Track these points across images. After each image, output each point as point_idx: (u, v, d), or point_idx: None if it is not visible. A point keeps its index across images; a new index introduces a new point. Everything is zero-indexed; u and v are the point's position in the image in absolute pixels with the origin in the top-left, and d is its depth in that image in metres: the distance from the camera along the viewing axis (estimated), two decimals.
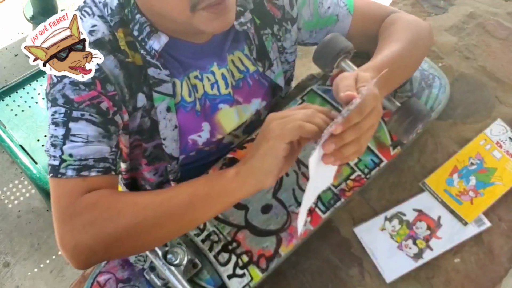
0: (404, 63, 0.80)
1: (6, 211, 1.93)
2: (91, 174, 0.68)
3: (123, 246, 0.67)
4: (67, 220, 0.65)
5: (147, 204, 0.66)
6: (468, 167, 0.92)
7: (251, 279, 0.79)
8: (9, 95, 1.54)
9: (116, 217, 0.64)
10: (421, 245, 0.85)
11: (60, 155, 0.69)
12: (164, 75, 0.76)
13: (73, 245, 0.64)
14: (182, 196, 0.67)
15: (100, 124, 0.71)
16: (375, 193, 0.91)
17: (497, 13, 1.15)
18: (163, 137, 0.81)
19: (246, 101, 0.89)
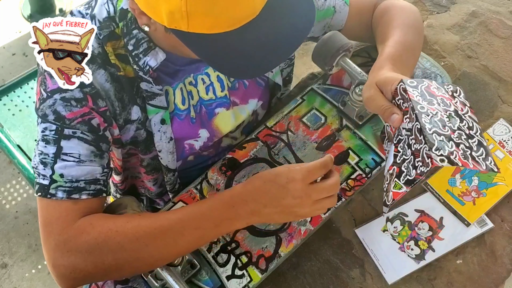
0: (411, 47, 0.81)
1: (3, 211, 1.92)
2: (82, 197, 0.68)
3: (123, 273, 0.70)
4: (61, 246, 0.65)
5: (150, 238, 0.66)
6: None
7: (250, 280, 0.78)
8: (6, 94, 1.53)
9: (116, 250, 0.65)
10: (423, 246, 0.84)
11: (50, 174, 0.67)
12: (157, 89, 0.75)
13: (71, 270, 0.64)
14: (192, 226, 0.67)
15: (92, 142, 0.70)
16: (377, 193, 0.90)
17: (499, 11, 1.14)
18: (159, 149, 0.80)
19: (242, 102, 0.89)
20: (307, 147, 0.91)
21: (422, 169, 0.60)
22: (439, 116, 0.64)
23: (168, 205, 0.85)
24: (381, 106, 0.70)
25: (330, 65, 0.88)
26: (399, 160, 0.66)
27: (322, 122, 0.93)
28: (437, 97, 0.67)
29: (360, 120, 0.91)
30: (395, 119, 0.68)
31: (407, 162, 0.63)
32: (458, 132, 0.64)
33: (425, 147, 0.60)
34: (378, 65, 0.77)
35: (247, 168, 0.88)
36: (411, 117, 0.65)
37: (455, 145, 0.61)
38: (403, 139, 0.66)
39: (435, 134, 0.61)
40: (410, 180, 0.62)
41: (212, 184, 0.87)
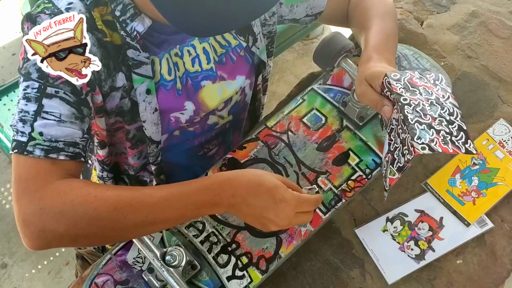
0: (392, 33, 0.87)
1: (3, 211, 1.92)
2: (60, 158, 0.66)
3: (93, 241, 0.69)
4: (35, 203, 0.63)
5: (128, 213, 0.64)
6: (470, 168, 0.91)
7: (250, 281, 0.78)
8: (6, 94, 1.54)
9: (92, 216, 0.63)
10: (423, 246, 0.84)
11: (29, 131, 0.66)
12: (143, 57, 0.75)
13: (40, 228, 0.63)
14: (169, 216, 0.67)
15: (73, 104, 0.68)
16: (377, 193, 0.90)
17: (499, 12, 1.14)
18: (143, 120, 0.79)
19: (230, 78, 0.88)
20: (308, 147, 0.91)
21: (408, 157, 0.64)
22: (421, 105, 0.69)
23: None
24: (373, 100, 0.75)
25: (331, 66, 0.89)
26: (392, 148, 0.70)
27: (322, 122, 0.93)
28: (419, 87, 0.72)
29: (361, 121, 0.91)
30: (386, 110, 0.73)
31: (398, 150, 0.68)
32: (439, 119, 0.68)
33: (408, 136, 0.65)
34: (366, 57, 0.81)
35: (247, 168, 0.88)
36: (397, 108, 0.69)
37: (436, 132, 0.66)
38: (394, 129, 0.71)
39: (417, 124, 0.66)
40: (401, 167, 0.66)
41: None
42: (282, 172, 0.88)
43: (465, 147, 0.66)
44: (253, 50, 0.89)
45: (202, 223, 0.83)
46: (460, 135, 0.67)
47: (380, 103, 0.74)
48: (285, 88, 2.28)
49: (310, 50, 2.47)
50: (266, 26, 0.90)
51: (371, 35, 0.85)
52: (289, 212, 0.69)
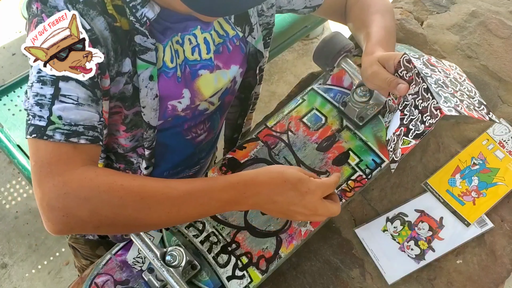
0: (392, 30, 0.90)
1: (3, 211, 1.92)
2: (80, 142, 0.65)
3: (115, 229, 0.69)
4: (60, 187, 0.62)
5: (153, 205, 0.65)
6: (470, 167, 0.91)
7: (250, 281, 0.78)
8: (6, 94, 1.53)
9: (117, 204, 0.63)
10: (423, 246, 0.84)
11: (48, 115, 0.64)
12: (150, 43, 0.75)
13: (64, 213, 0.62)
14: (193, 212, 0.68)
15: (88, 86, 0.68)
16: (377, 193, 0.91)
17: (499, 11, 1.14)
18: (143, 105, 0.79)
19: (225, 67, 0.88)
20: (308, 147, 0.91)
21: (431, 121, 0.69)
22: (442, 80, 0.74)
23: None
24: (386, 78, 0.77)
25: (331, 66, 0.89)
26: (406, 121, 0.73)
27: (322, 122, 0.93)
28: (437, 67, 0.77)
29: (361, 121, 0.91)
30: (402, 88, 0.75)
31: (415, 120, 0.72)
32: (460, 92, 0.74)
33: (433, 101, 0.69)
34: (369, 50, 0.83)
35: (247, 169, 0.89)
36: (417, 82, 0.73)
37: (459, 100, 0.72)
38: (409, 103, 0.74)
39: (440, 92, 0.71)
40: (419, 133, 0.70)
41: None
42: None
43: (488, 116, 0.72)
44: (248, 39, 0.89)
45: (202, 223, 0.83)
46: (482, 107, 0.74)
47: (395, 82, 0.76)
48: (285, 88, 2.28)
49: (310, 50, 2.47)
50: (263, 17, 0.91)
51: (373, 30, 0.87)
52: (316, 202, 0.71)
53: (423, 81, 0.72)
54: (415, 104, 0.73)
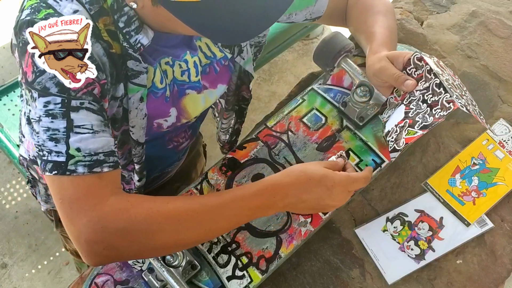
0: (394, 29, 0.92)
1: (3, 211, 1.92)
2: (104, 170, 0.65)
3: (156, 253, 0.71)
4: (95, 222, 0.62)
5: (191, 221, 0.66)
6: (470, 167, 0.91)
7: (250, 281, 0.78)
8: (6, 94, 1.53)
9: (155, 231, 0.64)
10: (423, 246, 0.84)
11: (66, 150, 0.63)
12: (142, 67, 0.75)
13: (104, 246, 0.62)
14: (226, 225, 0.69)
15: (98, 111, 0.67)
16: (377, 193, 0.91)
17: (499, 11, 1.14)
18: (132, 125, 0.79)
19: (212, 86, 0.89)
20: (308, 147, 0.91)
21: (442, 113, 0.72)
22: (451, 81, 0.78)
23: None
24: (393, 74, 0.79)
25: (331, 66, 0.89)
26: (412, 114, 0.76)
27: (322, 122, 0.93)
28: (445, 71, 0.81)
29: (361, 121, 0.91)
30: (410, 84, 0.78)
31: (422, 113, 0.75)
32: (465, 97, 0.78)
33: (445, 95, 0.73)
34: (375, 49, 0.85)
35: (247, 169, 0.89)
36: (427, 78, 0.77)
37: (467, 103, 0.75)
38: (416, 98, 0.77)
39: (451, 89, 0.74)
40: (427, 124, 0.73)
41: (212, 184, 0.87)
42: None
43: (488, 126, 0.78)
44: (236, 60, 0.89)
45: None
46: (482, 116, 0.78)
47: (403, 78, 0.78)
48: (285, 88, 2.28)
49: (310, 50, 2.47)
50: (255, 37, 0.91)
51: (378, 31, 0.88)
52: (343, 193, 0.73)
53: (435, 76, 0.75)
54: (423, 99, 0.76)
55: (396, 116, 0.79)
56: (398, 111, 0.79)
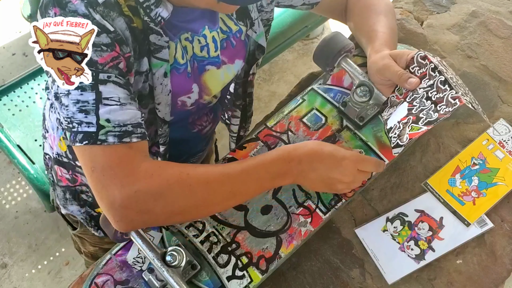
0: (395, 29, 0.94)
1: (3, 211, 1.92)
2: (133, 140, 0.67)
3: (187, 218, 0.77)
4: (129, 187, 0.64)
5: (217, 187, 0.70)
6: (470, 167, 0.91)
7: (250, 281, 0.78)
8: (6, 94, 1.53)
9: (188, 193, 0.67)
10: (423, 246, 0.84)
11: (96, 120, 0.66)
12: (164, 41, 0.76)
13: (138, 210, 0.65)
14: (250, 189, 0.74)
15: (124, 85, 0.69)
16: (377, 193, 0.91)
17: (499, 11, 1.14)
18: (158, 102, 0.80)
19: (230, 61, 0.90)
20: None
21: (447, 109, 0.73)
22: (455, 80, 0.78)
23: None
24: (397, 72, 0.80)
25: (331, 66, 0.89)
26: (416, 111, 0.77)
27: (322, 122, 0.93)
28: (449, 70, 0.81)
29: (361, 121, 0.91)
30: (413, 82, 0.79)
31: (426, 110, 0.75)
32: (469, 96, 0.78)
33: (451, 92, 0.74)
34: (376, 48, 0.86)
35: None
36: (431, 76, 0.77)
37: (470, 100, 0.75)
38: (419, 96, 0.78)
39: (456, 87, 0.75)
40: (432, 120, 0.73)
41: None
42: None
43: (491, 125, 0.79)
44: (248, 33, 0.90)
45: (202, 223, 0.83)
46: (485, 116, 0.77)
47: (406, 75, 0.80)
48: (285, 88, 2.28)
49: (310, 50, 2.47)
50: (263, 13, 0.92)
51: (380, 30, 0.89)
52: (352, 168, 0.76)
53: (440, 74, 0.76)
54: (427, 96, 0.77)
55: (399, 113, 0.79)
56: (401, 108, 0.80)
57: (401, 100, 0.81)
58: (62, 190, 1.01)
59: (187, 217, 0.75)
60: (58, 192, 1.02)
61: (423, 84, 0.78)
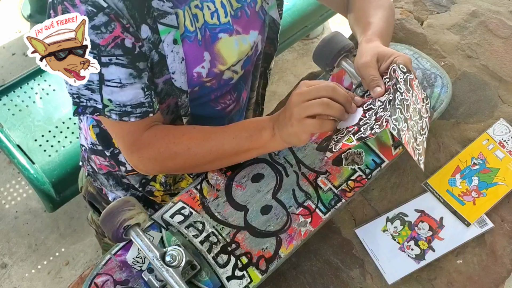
0: (392, 24, 0.95)
1: (3, 211, 1.92)
2: (131, 120, 0.77)
3: (179, 172, 0.95)
4: (135, 154, 0.82)
5: (198, 151, 0.80)
6: (470, 167, 0.91)
7: (250, 281, 0.78)
8: (6, 94, 1.53)
9: (174, 158, 0.81)
10: (423, 246, 0.84)
11: (100, 99, 0.74)
12: (168, 7, 0.76)
13: (145, 170, 0.86)
14: (228, 147, 0.80)
15: (128, 64, 0.73)
16: (377, 193, 0.90)
17: (499, 11, 1.14)
18: (172, 71, 0.81)
19: (245, 32, 0.90)
20: (307, 147, 0.91)
21: (376, 131, 0.70)
22: (409, 103, 0.75)
23: (168, 205, 0.85)
24: (371, 75, 0.78)
25: (331, 66, 0.89)
26: (362, 123, 0.74)
27: None
28: (414, 91, 0.79)
29: None
30: (377, 91, 0.76)
31: (367, 125, 0.72)
32: (414, 122, 0.75)
33: (388, 113, 0.70)
34: (368, 37, 0.85)
35: (247, 168, 0.89)
36: (389, 92, 0.74)
37: (407, 128, 0.72)
38: (374, 109, 0.74)
39: (398, 111, 0.72)
40: (363, 137, 0.71)
41: (212, 184, 0.87)
42: (282, 172, 0.88)
43: (418, 158, 0.73)
44: (263, 5, 0.91)
45: (202, 223, 0.83)
46: (420, 147, 0.75)
47: (375, 82, 0.77)
48: (285, 88, 2.28)
49: (310, 50, 2.47)
50: None
51: (375, 21, 0.89)
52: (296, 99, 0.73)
53: (394, 93, 0.72)
54: (377, 111, 0.73)
55: (351, 120, 0.77)
56: (355, 115, 0.77)
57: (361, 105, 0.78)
58: (105, 178, 1.05)
59: (180, 171, 0.94)
60: (102, 180, 1.06)
61: (382, 98, 0.75)
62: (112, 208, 0.74)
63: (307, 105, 0.72)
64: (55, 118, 1.49)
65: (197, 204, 0.85)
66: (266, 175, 0.88)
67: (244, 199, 0.85)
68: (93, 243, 1.86)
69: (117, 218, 0.72)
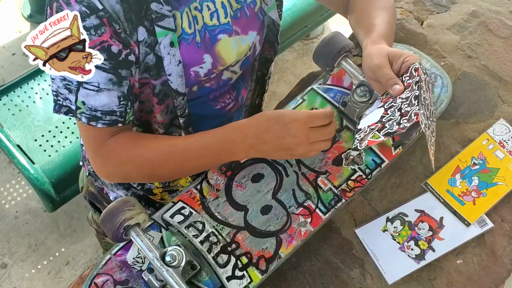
0: (394, 26, 0.95)
1: (3, 211, 1.92)
2: (98, 125, 0.77)
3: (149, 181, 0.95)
4: (98, 158, 0.81)
5: (163, 161, 0.79)
6: (470, 167, 0.91)
7: (250, 281, 0.78)
8: (6, 94, 1.53)
9: (138, 169, 0.81)
10: (423, 246, 0.84)
11: (74, 100, 0.74)
12: (166, 10, 0.76)
13: (107, 176, 0.86)
14: (196, 155, 0.79)
15: (110, 70, 0.73)
16: (377, 193, 0.90)
17: (499, 11, 1.14)
18: (168, 73, 0.81)
19: (243, 33, 0.90)
20: None
21: (406, 125, 0.71)
22: (428, 102, 0.78)
23: (168, 205, 0.85)
24: (386, 74, 0.78)
25: (331, 66, 0.89)
26: (385, 120, 0.75)
27: None
28: (429, 93, 0.81)
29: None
30: (397, 89, 0.77)
31: (392, 121, 0.73)
32: (430, 122, 0.77)
33: (416, 107, 0.71)
34: (373, 39, 0.85)
35: (247, 169, 0.88)
36: (412, 89, 0.75)
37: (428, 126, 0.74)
38: (396, 106, 0.76)
39: (424, 106, 0.74)
40: (391, 132, 0.72)
41: (212, 184, 0.87)
42: (282, 172, 0.88)
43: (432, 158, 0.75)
44: (262, 7, 0.91)
45: (202, 223, 0.83)
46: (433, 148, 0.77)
47: (393, 81, 0.78)
48: (285, 88, 2.28)
49: (310, 50, 2.47)
50: None
51: (380, 23, 0.89)
52: (303, 128, 0.73)
53: (418, 89, 0.73)
54: (400, 107, 0.74)
55: (372, 117, 0.78)
56: (376, 113, 0.78)
57: (381, 104, 0.79)
58: None
59: (143, 181, 0.96)
60: (103, 179, 1.07)
61: (403, 95, 0.76)
62: (112, 208, 0.74)
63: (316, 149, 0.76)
64: (55, 118, 1.48)
65: (197, 204, 0.85)
66: (266, 175, 0.88)
67: (244, 199, 0.85)
68: (93, 243, 1.86)
69: (117, 218, 0.72)
